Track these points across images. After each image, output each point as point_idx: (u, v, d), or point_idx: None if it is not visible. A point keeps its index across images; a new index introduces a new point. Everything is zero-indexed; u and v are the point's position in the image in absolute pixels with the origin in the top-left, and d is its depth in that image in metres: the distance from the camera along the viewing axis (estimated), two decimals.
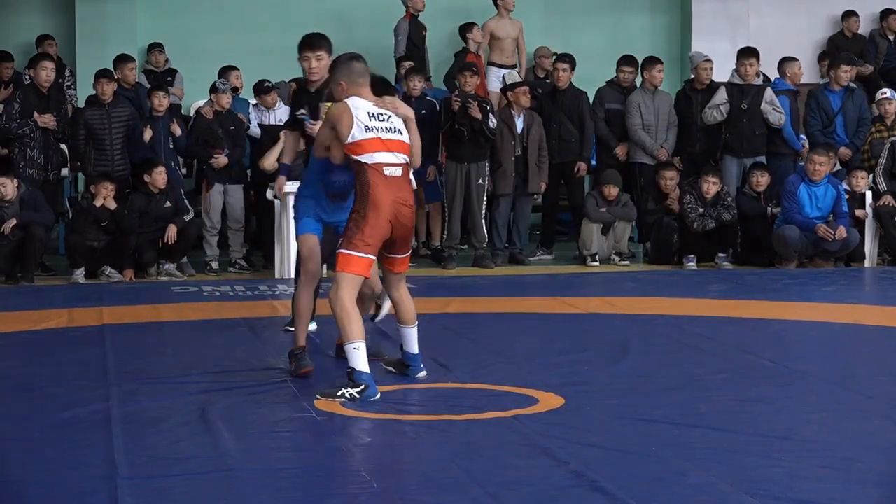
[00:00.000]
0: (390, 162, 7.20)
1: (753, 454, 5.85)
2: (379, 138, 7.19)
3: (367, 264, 7.18)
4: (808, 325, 9.78)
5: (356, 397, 6.95)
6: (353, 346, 7.05)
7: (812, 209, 12.99)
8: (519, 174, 13.50)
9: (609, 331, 9.38)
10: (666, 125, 14.09)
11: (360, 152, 7.18)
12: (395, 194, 7.19)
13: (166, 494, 5.35)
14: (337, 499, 5.26)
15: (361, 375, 7.01)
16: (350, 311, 7.08)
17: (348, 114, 7.21)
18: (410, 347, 7.60)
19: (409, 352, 7.62)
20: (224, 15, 16.13)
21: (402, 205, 7.22)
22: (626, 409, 6.80)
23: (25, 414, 6.85)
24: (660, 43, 16.63)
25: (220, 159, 12.94)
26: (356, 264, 7.13)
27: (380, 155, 7.18)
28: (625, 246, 13.53)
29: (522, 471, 5.65)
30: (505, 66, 15.27)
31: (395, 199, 7.18)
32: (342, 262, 7.15)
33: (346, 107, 7.24)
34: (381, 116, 7.25)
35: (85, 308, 10.34)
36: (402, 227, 7.27)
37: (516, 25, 15.72)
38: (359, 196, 7.22)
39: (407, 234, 7.36)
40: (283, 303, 10.92)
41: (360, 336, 7.06)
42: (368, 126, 7.19)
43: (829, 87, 14.47)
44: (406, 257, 7.50)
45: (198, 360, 8.26)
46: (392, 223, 7.20)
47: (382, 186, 7.16)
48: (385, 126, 7.24)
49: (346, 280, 7.13)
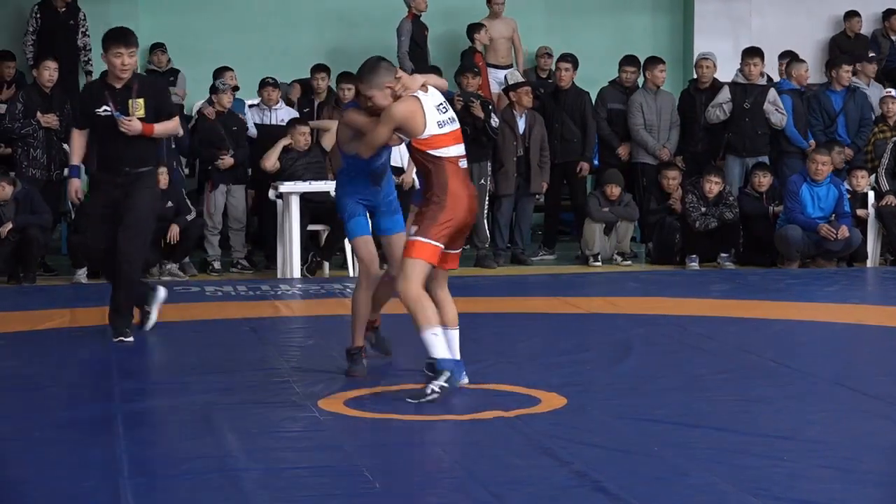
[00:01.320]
0: (461, 154, 7.16)
1: (755, 454, 5.85)
2: (449, 132, 7.11)
3: (438, 253, 7.05)
4: (810, 326, 9.78)
5: (445, 386, 6.85)
6: (430, 332, 6.90)
7: (814, 209, 12.99)
8: (521, 174, 13.51)
9: (611, 331, 9.38)
10: (668, 125, 14.10)
11: (436, 146, 7.07)
12: (469, 187, 7.19)
13: (169, 494, 5.36)
14: (339, 499, 5.27)
15: (444, 363, 6.89)
16: (422, 298, 6.94)
17: (420, 111, 7.06)
18: (453, 352, 7.26)
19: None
20: (226, 15, 16.13)
21: (474, 197, 7.20)
22: (628, 409, 6.81)
23: (27, 414, 6.85)
24: (662, 43, 16.64)
25: (227, 160, 12.96)
26: (428, 251, 7.00)
27: (454, 148, 7.12)
28: (627, 246, 13.54)
29: (524, 471, 5.65)
30: (500, 66, 15.29)
31: (470, 192, 7.16)
32: (416, 249, 7.00)
33: (417, 104, 7.08)
34: (443, 108, 7.15)
35: (87, 308, 10.34)
36: (472, 221, 7.25)
37: (510, 25, 15.72)
38: (437, 188, 7.08)
39: (469, 228, 7.30)
40: (286, 303, 10.94)
41: (435, 321, 6.94)
42: (441, 121, 7.09)
43: (830, 88, 14.48)
44: (459, 253, 7.34)
45: (200, 360, 8.27)
46: (467, 215, 7.14)
47: (459, 179, 7.11)
48: (449, 117, 7.15)
49: (416, 266, 6.98)
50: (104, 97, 8.71)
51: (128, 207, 8.73)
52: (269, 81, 13.72)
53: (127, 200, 8.73)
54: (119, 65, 8.61)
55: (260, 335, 9.26)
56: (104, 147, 8.85)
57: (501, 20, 15.63)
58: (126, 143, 8.71)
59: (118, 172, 8.77)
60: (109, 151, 8.79)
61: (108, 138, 8.74)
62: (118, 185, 8.77)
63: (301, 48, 15.62)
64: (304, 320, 10.20)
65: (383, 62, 7.27)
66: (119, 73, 8.66)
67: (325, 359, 8.11)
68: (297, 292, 11.52)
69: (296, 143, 12.88)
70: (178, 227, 12.48)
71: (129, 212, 8.72)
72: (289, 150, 12.86)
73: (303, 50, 15.48)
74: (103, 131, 8.77)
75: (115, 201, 8.77)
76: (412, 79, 7.22)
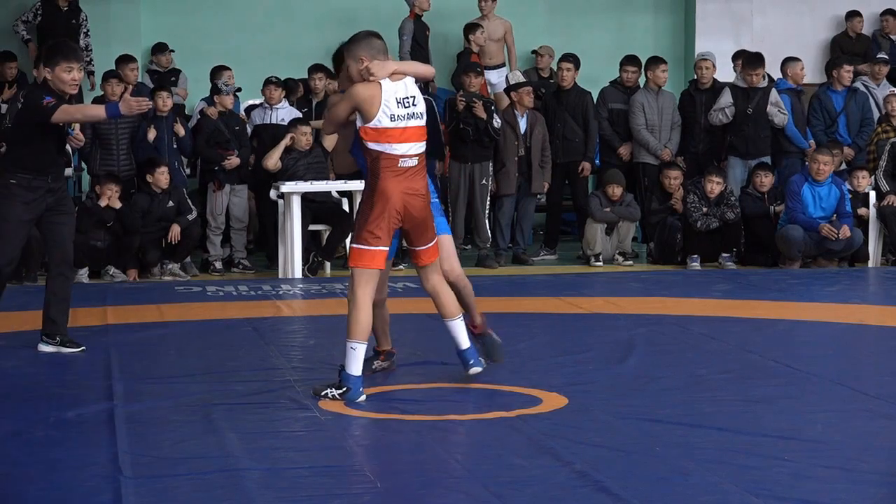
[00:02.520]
0: (407, 153, 7.00)
1: (757, 454, 5.85)
2: (400, 128, 6.95)
3: (380, 256, 7.01)
4: (812, 325, 9.78)
5: (337, 398, 6.90)
6: (351, 345, 6.95)
7: (816, 209, 12.98)
8: (522, 174, 13.51)
9: (613, 331, 9.37)
10: (670, 125, 14.08)
11: (378, 140, 6.95)
12: (405, 185, 6.99)
13: (171, 494, 5.35)
14: (341, 499, 5.26)
15: (349, 378, 6.94)
16: (360, 308, 6.94)
17: (378, 99, 6.94)
18: (459, 342, 7.29)
19: (458, 348, 7.29)
20: (228, 15, 16.14)
21: (411, 195, 7.02)
22: (629, 409, 6.80)
23: (29, 414, 6.84)
24: (663, 43, 16.64)
25: (233, 160, 12.96)
26: (365, 258, 6.98)
27: (399, 146, 6.97)
28: (628, 246, 13.53)
29: (526, 471, 5.65)
30: (489, 66, 15.28)
31: (404, 190, 6.99)
32: (352, 257, 7.04)
33: (378, 90, 6.94)
34: (407, 102, 6.99)
35: (89, 308, 10.34)
36: (412, 219, 7.07)
37: (502, 26, 15.69)
38: (369, 185, 7.06)
39: (422, 225, 7.13)
40: (287, 303, 10.94)
41: (362, 337, 6.96)
42: (395, 115, 6.94)
43: (831, 87, 14.47)
44: (430, 248, 7.23)
45: (202, 360, 8.27)
46: (401, 214, 7.02)
47: (393, 177, 6.97)
48: (408, 113, 6.98)
49: (354, 274, 7.01)
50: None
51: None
52: (272, 80, 13.72)
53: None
54: (69, 80, 8.37)
55: (261, 335, 9.25)
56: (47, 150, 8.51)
57: (492, 21, 15.61)
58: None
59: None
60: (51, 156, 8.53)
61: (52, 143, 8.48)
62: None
63: (302, 48, 15.62)
64: (306, 320, 10.21)
65: (376, 38, 7.07)
66: (69, 90, 8.35)
67: (327, 358, 8.11)
68: (299, 292, 11.52)
69: (297, 143, 12.88)
70: (180, 226, 12.48)
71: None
72: (290, 150, 12.85)
73: (304, 50, 15.48)
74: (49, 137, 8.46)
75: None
76: (382, 65, 6.99)
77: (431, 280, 7.30)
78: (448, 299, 7.31)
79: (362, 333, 6.97)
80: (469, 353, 7.32)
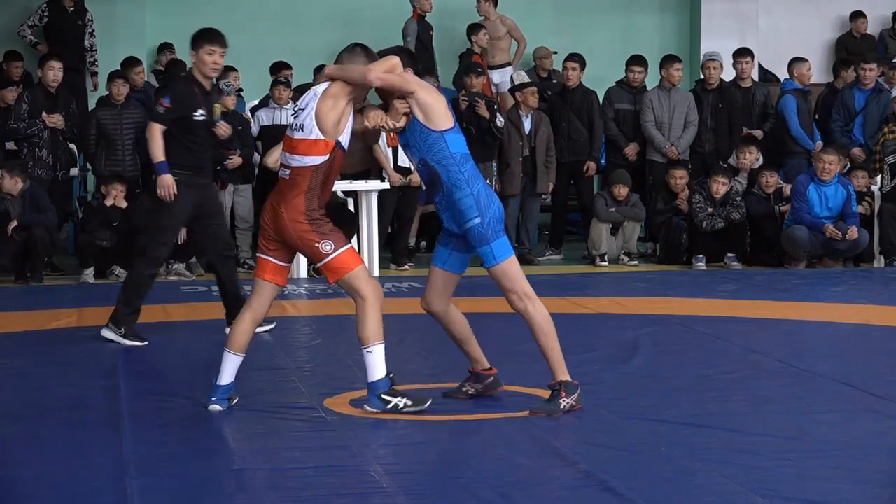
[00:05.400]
0: (285, 163, 6.69)
1: (763, 454, 5.84)
2: (288, 136, 6.71)
3: (263, 266, 6.76)
4: (818, 326, 9.77)
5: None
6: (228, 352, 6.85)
7: (822, 209, 12.97)
8: (527, 174, 13.50)
9: (618, 331, 9.37)
10: (682, 124, 14.03)
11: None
12: (274, 196, 6.72)
13: (176, 495, 5.35)
14: (346, 499, 5.26)
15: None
16: (240, 321, 6.83)
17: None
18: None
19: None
20: (232, 15, 16.11)
21: (273, 206, 6.69)
22: (635, 409, 6.80)
23: (34, 413, 6.85)
24: (669, 43, 16.63)
25: (236, 159, 12.97)
26: (258, 266, 6.82)
27: (285, 155, 6.70)
28: (634, 246, 13.53)
29: (532, 471, 5.65)
30: (492, 66, 15.27)
31: (271, 201, 6.72)
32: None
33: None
34: (297, 109, 6.71)
35: (94, 308, 10.34)
36: (279, 233, 6.68)
37: (504, 25, 15.67)
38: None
39: (289, 240, 6.67)
40: (292, 302, 10.94)
41: (240, 351, 6.86)
42: (291, 124, 6.73)
43: (857, 86, 14.48)
44: (322, 265, 6.68)
45: (207, 360, 8.26)
46: (269, 225, 6.72)
47: (275, 189, 6.74)
48: (298, 124, 6.64)
49: (253, 286, 6.86)
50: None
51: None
52: (280, 80, 13.72)
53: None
54: (211, 63, 8.54)
55: (266, 335, 9.25)
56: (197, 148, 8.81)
57: (494, 21, 15.60)
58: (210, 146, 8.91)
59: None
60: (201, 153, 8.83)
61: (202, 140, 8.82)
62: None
63: (307, 49, 15.62)
64: (311, 320, 10.20)
65: (356, 47, 6.81)
66: (210, 73, 8.62)
67: (332, 359, 8.10)
68: (304, 292, 11.52)
69: None
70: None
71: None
72: None
73: (309, 50, 15.48)
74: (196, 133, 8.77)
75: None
76: (329, 71, 6.74)
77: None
78: (361, 325, 6.61)
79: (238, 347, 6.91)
80: (376, 386, 6.66)
